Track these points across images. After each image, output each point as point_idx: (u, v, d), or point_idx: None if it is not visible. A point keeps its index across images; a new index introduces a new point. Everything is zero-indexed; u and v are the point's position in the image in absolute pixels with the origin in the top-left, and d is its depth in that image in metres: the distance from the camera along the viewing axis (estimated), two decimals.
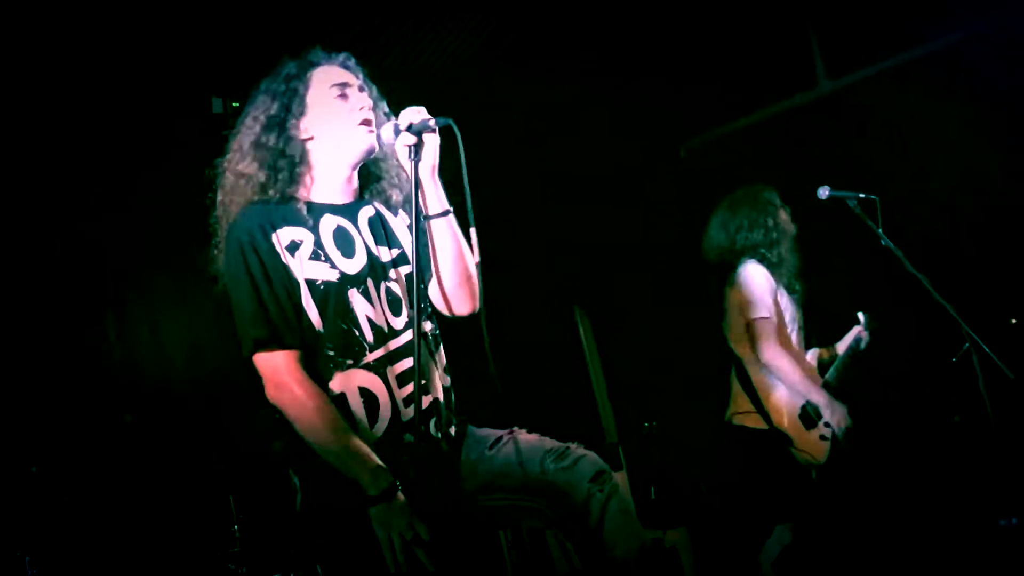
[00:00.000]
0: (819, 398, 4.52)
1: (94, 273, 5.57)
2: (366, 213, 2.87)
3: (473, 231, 2.64)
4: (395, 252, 2.85)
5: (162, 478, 3.87)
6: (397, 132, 2.72)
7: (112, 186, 5.53)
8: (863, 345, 4.91)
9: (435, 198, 2.78)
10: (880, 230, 4.41)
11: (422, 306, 2.84)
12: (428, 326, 2.87)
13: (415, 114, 2.72)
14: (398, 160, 2.82)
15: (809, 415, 4.53)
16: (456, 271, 2.83)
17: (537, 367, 6.76)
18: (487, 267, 2.67)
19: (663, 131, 7.18)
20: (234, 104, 5.64)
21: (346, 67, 2.89)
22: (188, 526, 5.09)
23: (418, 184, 2.71)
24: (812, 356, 4.90)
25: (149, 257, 5.65)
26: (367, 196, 2.93)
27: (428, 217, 2.78)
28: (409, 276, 2.80)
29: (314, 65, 2.86)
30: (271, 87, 2.84)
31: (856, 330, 4.93)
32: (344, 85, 2.83)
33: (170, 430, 5.36)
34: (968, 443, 5.54)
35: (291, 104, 2.80)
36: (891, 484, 5.66)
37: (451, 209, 2.81)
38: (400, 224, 2.93)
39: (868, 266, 4.88)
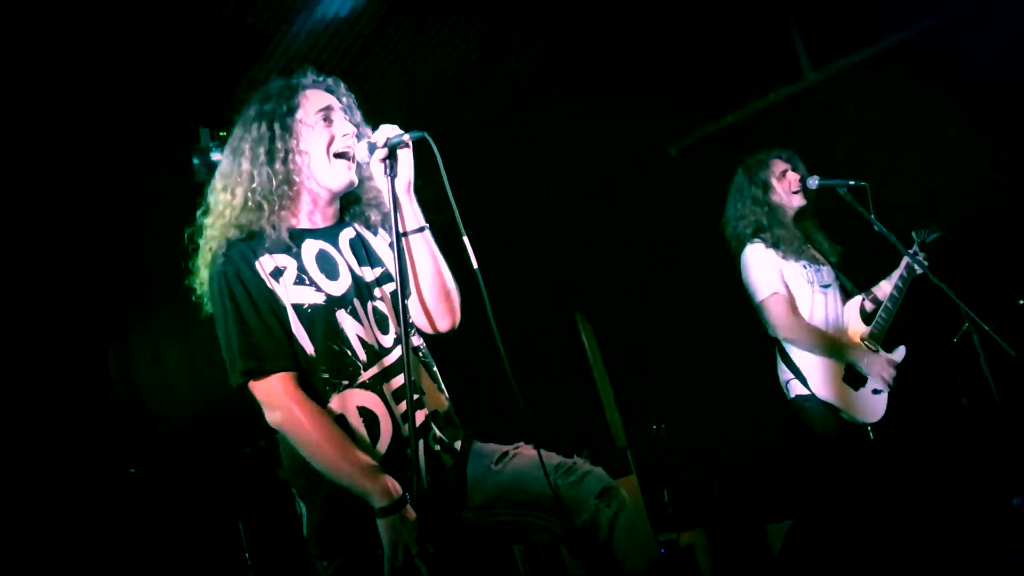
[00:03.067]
0: (853, 356, 4.47)
1: (94, 308, 5.57)
2: (347, 235, 2.87)
3: (466, 239, 2.60)
4: (378, 271, 2.85)
5: (171, 509, 3.86)
6: (372, 149, 2.72)
7: (104, 219, 5.54)
8: (919, 269, 4.55)
9: (411, 214, 2.78)
10: (872, 216, 4.41)
11: (409, 321, 2.85)
12: (417, 340, 2.88)
13: (389, 131, 2.72)
14: (374, 180, 2.82)
15: (857, 373, 4.49)
16: (435, 287, 2.83)
17: (542, 375, 6.74)
18: (485, 276, 2.64)
19: (652, 131, 7.19)
20: (221, 134, 5.67)
21: (331, 91, 2.89)
22: (199, 556, 5.09)
23: (396, 201, 2.70)
24: (855, 306, 4.72)
25: (148, 290, 5.66)
26: (346, 218, 2.93)
27: (405, 233, 2.77)
28: (394, 293, 2.80)
29: (301, 88, 2.85)
30: (259, 110, 2.83)
31: (904, 262, 4.62)
32: (327, 109, 2.83)
33: (176, 461, 5.36)
34: (977, 423, 5.53)
35: (279, 129, 2.79)
36: (903, 467, 5.63)
37: (427, 225, 2.81)
38: (380, 243, 2.94)
39: (861, 253, 4.84)
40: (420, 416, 2.72)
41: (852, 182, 4.46)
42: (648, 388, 7.50)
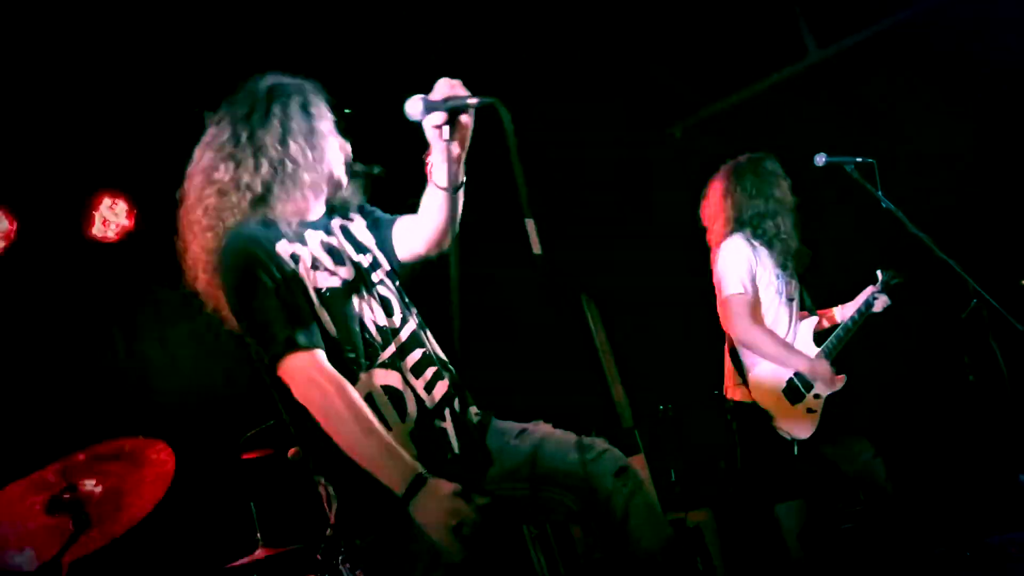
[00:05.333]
0: (803, 366, 4.52)
1: (101, 290, 5.58)
2: (336, 224, 2.92)
3: (530, 223, 2.44)
4: (369, 257, 2.90)
5: (181, 489, 3.89)
6: (428, 108, 2.55)
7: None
8: (877, 307, 4.73)
9: (457, 173, 2.70)
10: (880, 193, 4.42)
11: (406, 300, 2.91)
12: (417, 319, 2.91)
13: (450, 88, 2.57)
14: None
15: (796, 387, 4.53)
16: (445, 226, 2.85)
17: (548, 356, 6.75)
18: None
19: (656, 112, 7.18)
20: None
21: (319, 95, 2.90)
22: (211, 536, 5.12)
23: (451, 159, 2.62)
24: (810, 325, 4.78)
25: (155, 270, 5.67)
26: (332, 210, 2.95)
27: (456, 188, 2.69)
28: (389, 274, 2.89)
29: (310, 91, 2.87)
30: (274, 89, 2.83)
31: (868, 291, 4.77)
32: (335, 121, 2.88)
33: (185, 441, 5.37)
34: (984, 399, 5.53)
35: (300, 113, 2.80)
36: (909, 447, 5.65)
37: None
38: (359, 227, 2.98)
39: (869, 230, 4.85)
40: (442, 387, 2.76)
41: (859, 159, 4.46)
42: (655, 368, 7.50)
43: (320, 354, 2.59)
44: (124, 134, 5.51)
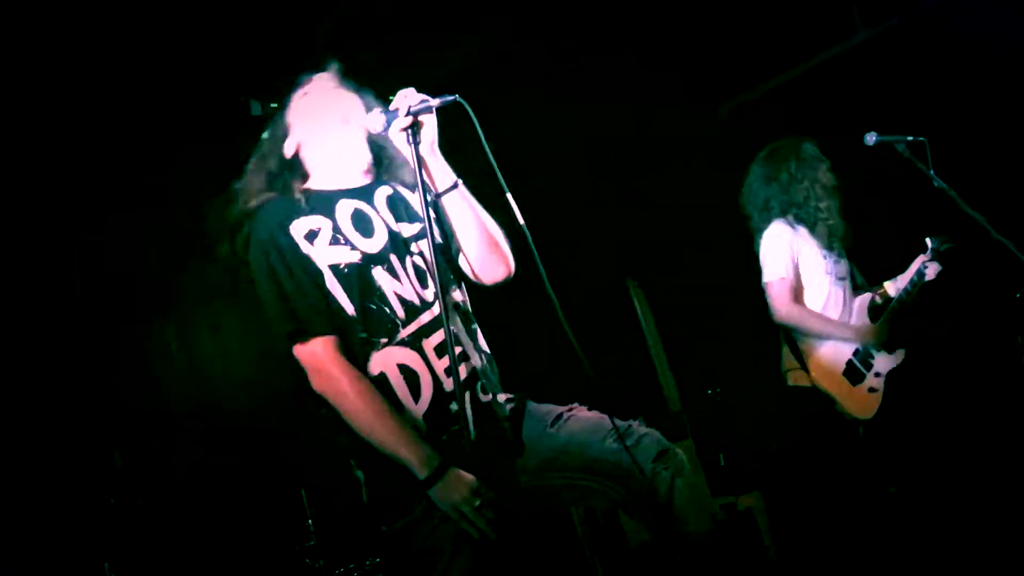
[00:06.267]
0: (851, 334, 4.52)
1: (150, 283, 5.65)
2: (383, 193, 2.91)
3: (509, 196, 2.59)
4: (417, 226, 2.87)
5: (235, 477, 3.93)
6: (390, 119, 2.68)
7: (157, 194, 5.61)
8: (929, 275, 4.65)
9: (441, 173, 2.79)
10: (932, 171, 4.35)
11: (449, 277, 2.87)
12: (459, 296, 2.89)
13: (408, 98, 2.68)
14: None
15: (856, 368, 4.50)
16: (481, 239, 2.85)
17: (596, 340, 6.72)
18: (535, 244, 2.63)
19: (702, 93, 7.12)
20: (272, 105, 5.69)
21: (322, 74, 2.97)
22: (263, 523, 5.16)
23: (421, 163, 2.69)
24: (865, 302, 4.75)
25: (202, 262, 5.72)
26: (384, 177, 2.97)
27: (439, 194, 2.79)
28: (437, 247, 2.82)
29: (296, 87, 2.97)
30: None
31: (919, 260, 4.69)
32: (314, 89, 2.93)
33: (238, 430, 5.44)
34: None
35: (280, 128, 2.92)
36: (958, 425, 5.58)
37: (459, 181, 2.82)
38: (417, 200, 2.94)
39: (921, 210, 4.78)
40: (465, 370, 2.74)
41: (911, 137, 4.40)
42: (703, 351, 7.46)
43: (326, 342, 2.65)
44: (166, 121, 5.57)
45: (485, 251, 2.87)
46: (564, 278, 2.84)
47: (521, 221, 2.59)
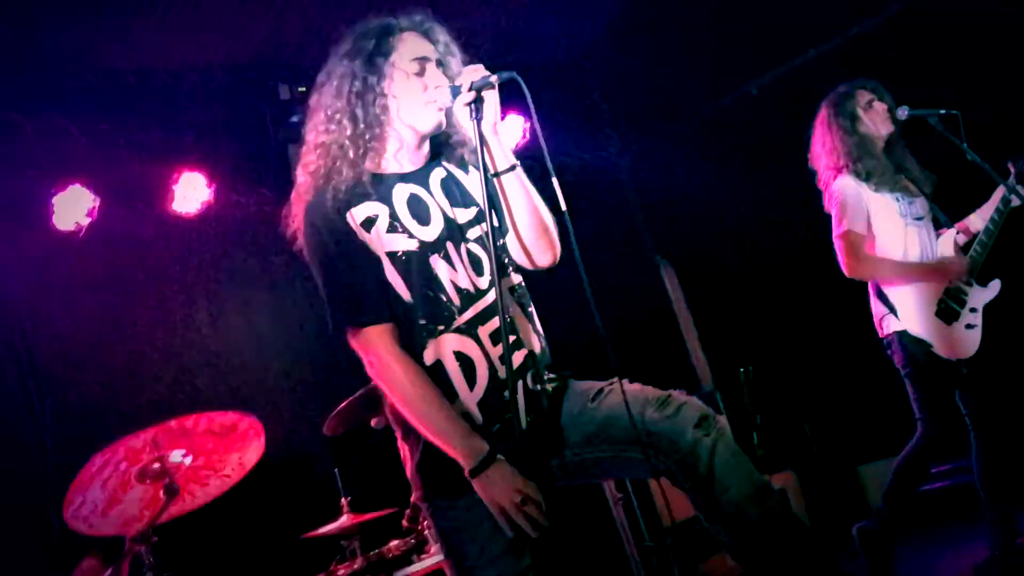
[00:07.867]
0: (932, 270, 4.41)
1: (182, 266, 5.70)
2: (437, 176, 2.85)
3: (555, 180, 2.57)
4: (472, 211, 2.83)
5: (267, 457, 3.96)
6: (456, 94, 2.68)
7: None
8: (1017, 200, 4.40)
9: (501, 154, 2.76)
10: (965, 145, 4.29)
11: (505, 261, 2.84)
12: (516, 279, 2.87)
13: (473, 73, 2.67)
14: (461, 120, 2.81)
15: (949, 307, 4.40)
16: (532, 223, 2.81)
17: (628, 319, 6.71)
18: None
19: (733, 70, 7.06)
20: (300, 89, 5.70)
21: (427, 35, 2.84)
22: (297, 503, 5.20)
23: (483, 142, 2.68)
24: (950, 239, 4.55)
25: (234, 244, 5.78)
26: (438, 157, 2.91)
27: (496, 174, 2.76)
28: (487, 234, 2.76)
29: (398, 30, 2.82)
30: (352, 47, 2.81)
31: (999, 191, 4.46)
32: (424, 60, 2.79)
33: (271, 410, 5.48)
34: None
35: (372, 72, 2.77)
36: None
37: (518, 163, 2.78)
38: (473, 181, 2.89)
39: (954, 182, 4.69)
40: (518, 357, 2.72)
41: (943, 111, 4.34)
42: (736, 330, 7.43)
43: (382, 330, 2.64)
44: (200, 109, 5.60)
45: (535, 236, 2.83)
46: (596, 256, 2.84)
47: (564, 207, 2.58)
